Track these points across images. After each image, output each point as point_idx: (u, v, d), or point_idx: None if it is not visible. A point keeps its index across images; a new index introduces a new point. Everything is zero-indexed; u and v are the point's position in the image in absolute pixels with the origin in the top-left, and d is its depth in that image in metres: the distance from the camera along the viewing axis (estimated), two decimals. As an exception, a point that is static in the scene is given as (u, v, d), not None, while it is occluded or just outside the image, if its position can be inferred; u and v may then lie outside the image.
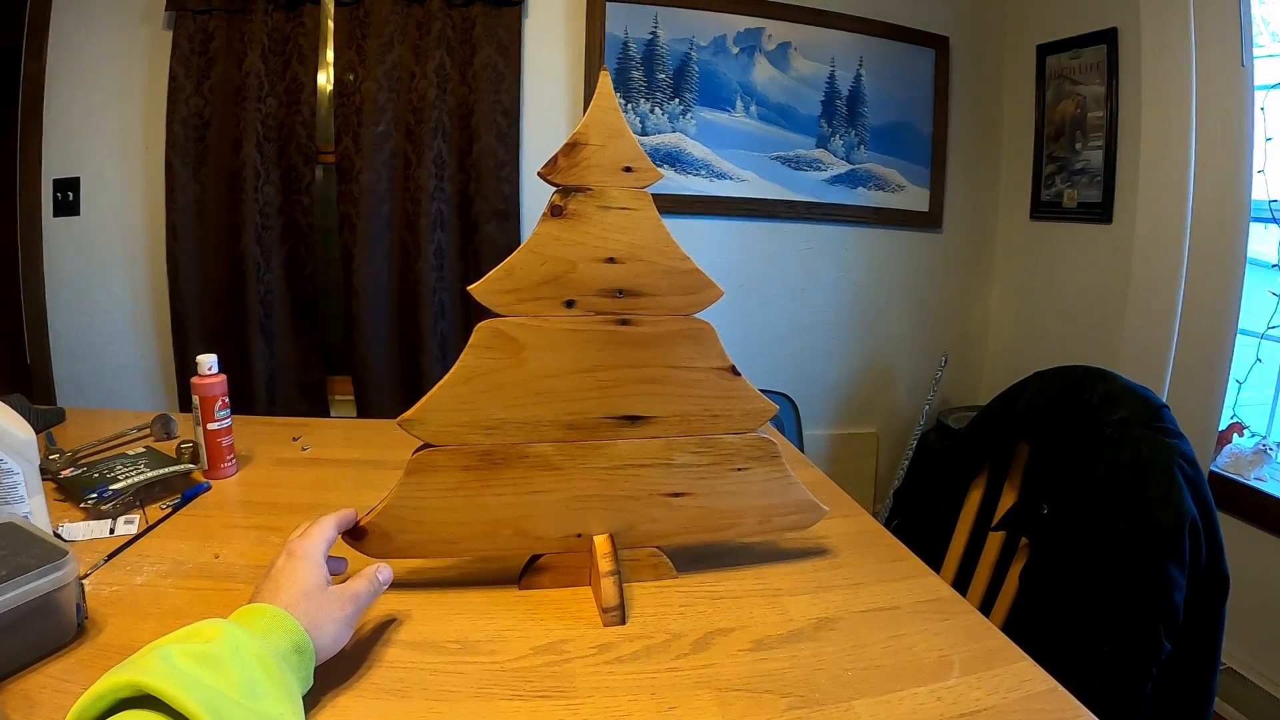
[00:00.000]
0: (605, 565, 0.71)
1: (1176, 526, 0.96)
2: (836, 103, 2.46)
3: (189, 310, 2.15)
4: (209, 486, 0.99)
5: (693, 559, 0.81)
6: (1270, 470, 1.90)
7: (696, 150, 2.36)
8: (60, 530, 0.82)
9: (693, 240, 2.41)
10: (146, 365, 2.27)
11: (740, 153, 2.40)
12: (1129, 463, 1.01)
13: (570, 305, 0.71)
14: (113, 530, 0.84)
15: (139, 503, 0.91)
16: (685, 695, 0.59)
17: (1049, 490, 1.14)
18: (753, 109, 2.39)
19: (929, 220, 2.62)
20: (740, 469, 0.78)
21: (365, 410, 2.24)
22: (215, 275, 2.15)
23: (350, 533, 0.70)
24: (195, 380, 1.01)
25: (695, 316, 0.75)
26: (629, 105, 2.29)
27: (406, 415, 0.70)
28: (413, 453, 0.71)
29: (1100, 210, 2.23)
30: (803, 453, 2.45)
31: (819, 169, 2.48)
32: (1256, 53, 1.84)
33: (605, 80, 0.69)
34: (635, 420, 0.74)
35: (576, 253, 0.70)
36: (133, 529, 0.84)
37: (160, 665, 0.43)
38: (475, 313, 2.25)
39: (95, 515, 0.86)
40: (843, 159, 2.50)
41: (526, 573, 0.76)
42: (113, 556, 0.77)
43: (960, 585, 1.24)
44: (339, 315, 2.23)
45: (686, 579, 0.78)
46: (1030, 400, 1.20)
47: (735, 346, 0.74)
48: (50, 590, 0.58)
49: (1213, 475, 1.93)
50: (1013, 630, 1.10)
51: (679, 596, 0.75)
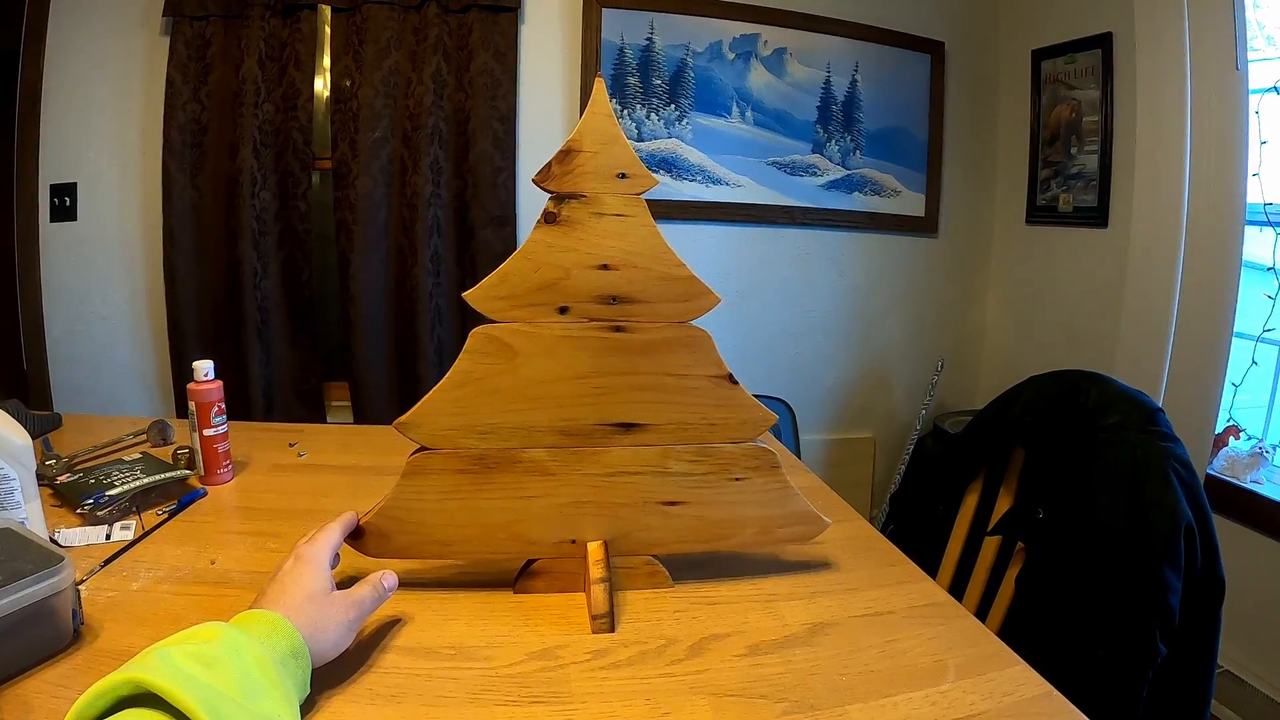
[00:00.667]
0: (596, 572, 0.71)
1: (1172, 530, 0.96)
2: (832, 108, 2.47)
3: (186, 316, 2.15)
4: (205, 492, 0.99)
5: (687, 565, 0.81)
6: (1266, 473, 1.90)
7: (692, 156, 2.36)
8: (56, 536, 0.82)
9: (689, 246, 2.42)
10: (143, 371, 2.27)
11: (736, 158, 2.41)
12: (1124, 467, 1.01)
13: (564, 311, 0.71)
14: (109, 536, 0.84)
15: (135, 509, 0.91)
16: (680, 701, 0.59)
17: (1045, 494, 1.14)
18: (748, 115, 2.40)
19: (925, 225, 2.63)
20: (738, 479, 0.77)
21: (362, 416, 2.24)
22: (212, 281, 2.16)
23: (350, 533, 0.71)
24: (191, 386, 1.01)
25: (691, 324, 0.74)
26: (625, 111, 2.29)
27: (402, 419, 0.70)
28: (409, 456, 0.72)
29: (1096, 214, 2.24)
30: (799, 458, 2.45)
31: (815, 174, 2.49)
32: (1251, 56, 1.85)
33: (600, 87, 0.70)
34: (630, 427, 0.74)
35: (570, 259, 0.70)
36: (129, 535, 0.84)
37: (160, 664, 0.44)
38: (472, 318, 2.24)
39: (92, 521, 0.86)
40: (839, 164, 2.51)
41: (521, 577, 0.76)
42: (109, 562, 0.77)
43: (957, 590, 1.24)
44: (336, 321, 2.23)
45: (681, 584, 0.78)
46: (1026, 404, 1.20)
47: (731, 352, 0.75)
48: (46, 596, 0.58)
49: (1209, 478, 1.93)
50: (1009, 634, 1.10)
51: (673, 602, 0.75)
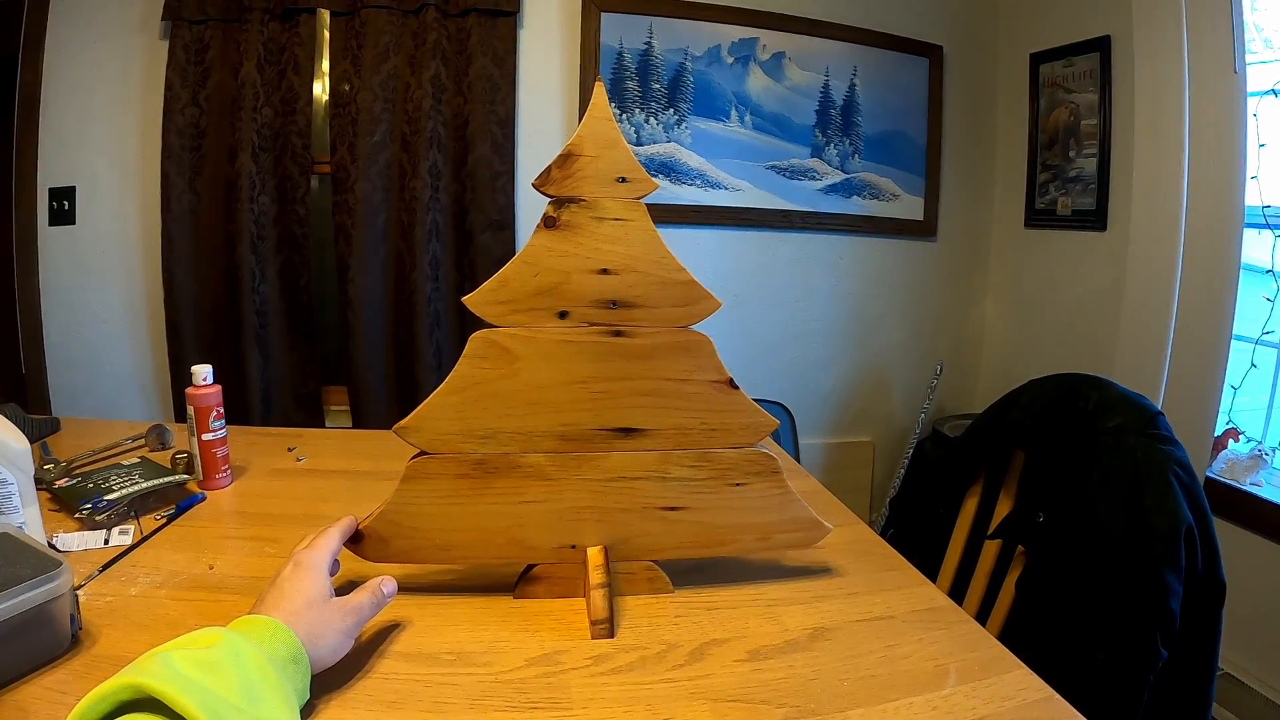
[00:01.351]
0: (596, 577, 0.71)
1: (1172, 534, 0.96)
2: (831, 112, 2.47)
3: (184, 320, 2.15)
4: (204, 497, 0.98)
5: (687, 570, 0.81)
6: (1266, 475, 1.90)
7: (691, 160, 2.37)
8: (55, 541, 0.82)
9: (687, 250, 2.39)
10: (141, 375, 2.27)
11: (735, 162, 2.41)
12: (1124, 470, 1.01)
13: (564, 316, 0.71)
14: (107, 541, 0.83)
15: (134, 513, 0.91)
16: (680, 706, 0.59)
17: (1045, 498, 1.14)
18: (747, 119, 2.40)
19: (924, 229, 2.63)
20: (738, 484, 0.77)
21: (361, 420, 2.24)
22: (210, 285, 2.16)
23: (349, 538, 0.71)
24: (190, 391, 1.01)
25: (692, 329, 0.74)
26: (624, 115, 2.30)
27: (402, 423, 0.70)
28: (409, 460, 0.71)
29: (1094, 217, 2.24)
30: (798, 462, 2.45)
31: (813, 178, 2.49)
32: (1249, 58, 1.86)
33: (600, 91, 0.70)
34: (629, 432, 0.74)
35: (570, 264, 0.70)
36: (127, 540, 0.84)
37: (162, 669, 0.43)
38: (470, 323, 2.23)
39: (90, 526, 0.86)
40: (837, 168, 2.51)
41: (521, 582, 0.76)
42: (107, 567, 0.77)
43: (957, 594, 1.24)
44: (334, 325, 2.23)
45: (681, 590, 0.78)
46: (1025, 408, 1.20)
47: (730, 356, 0.74)
48: (44, 601, 0.58)
49: (1209, 481, 1.93)
50: (1010, 638, 1.09)
51: (674, 607, 0.75)
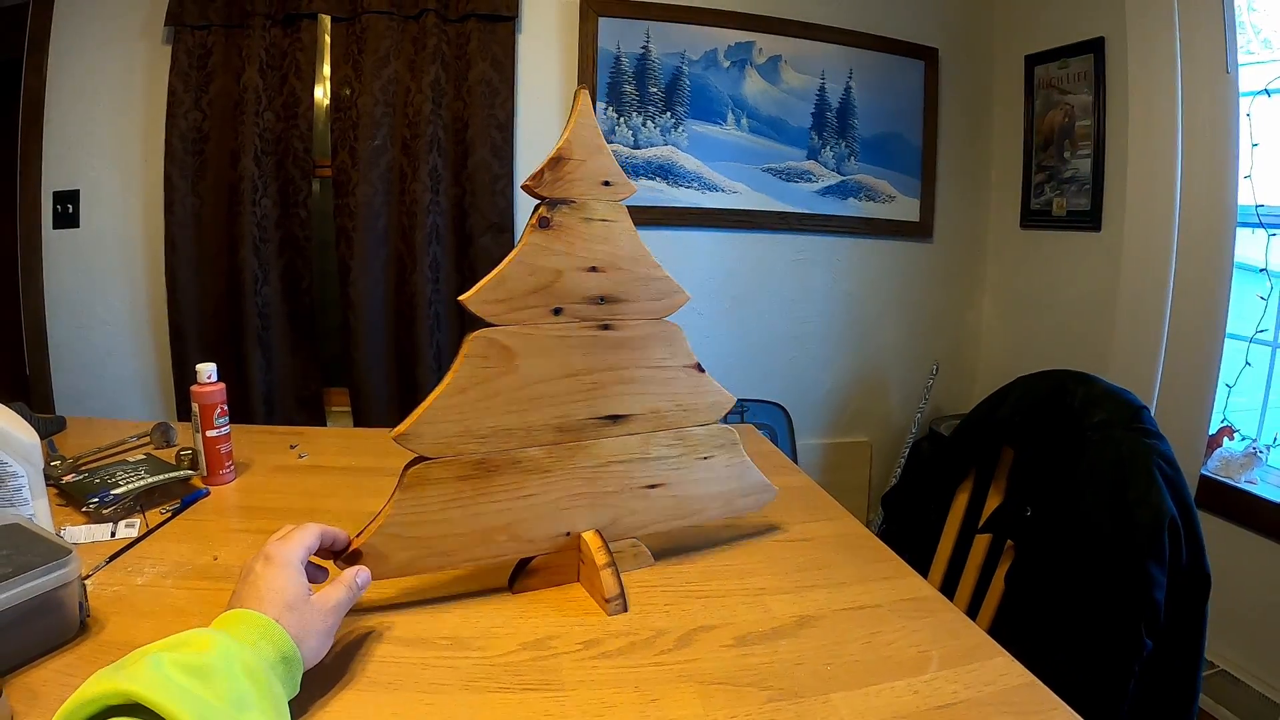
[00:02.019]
0: (601, 559, 0.74)
1: (1156, 526, 0.98)
2: (827, 115, 2.49)
3: (187, 322, 2.17)
4: (208, 492, 1.01)
5: (678, 560, 0.83)
6: (1261, 473, 1.91)
7: (688, 163, 2.39)
8: (63, 533, 0.84)
9: (685, 252, 2.44)
10: (144, 376, 2.29)
11: (731, 165, 2.43)
12: (1109, 464, 1.03)
13: (558, 313, 0.73)
14: (114, 534, 0.86)
15: (139, 508, 0.93)
16: (668, 688, 0.61)
17: (1033, 492, 1.16)
18: (744, 122, 2.42)
19: (920, 230, 2.65)
20: (706, 457, 0.85)
21: (362, 422, 2.26)
22: (213, 287, 2.18)
23: (344, 556, 0.68)
24: (195, 388, 1.03)
25: (666, 320, 0.81)
26: (621, 119, 2.32)
27: (401, 431, 0.69)
28: (405, 468, 0.71)
29: (1089, 218, 2.25)
30: (795, 462, 2.47)
31: (810, 180, 2.51)
32: (1243, 59, 1.87)
33: (585, 98, 0.73)
34: (617, 419, 0.78)
35: (563, 262, 0.73)
36: (133, 532, 0.86)
37: (151, 674, 0.43)
38: (471, 325, 2.26)
39: (97, 519, 0.88)
40: (833, 170, 2.53)
41: (519, 576, 0.77)
42: (114, 558, 0.79)
43: (948, 588, 1.25)
44: (336, 327, 2.25)
45: (673, 579, 0.80)
46: (1014, 404, 1.21)
47: (728, 356, 0.77)
48: (54, 588, 0.60)
49: (1204, 478, 1.94)
50: (999, 631, 1.11)
51: (664, 595, 0.77)
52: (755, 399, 2.48)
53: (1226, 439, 2.02)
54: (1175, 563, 0.99)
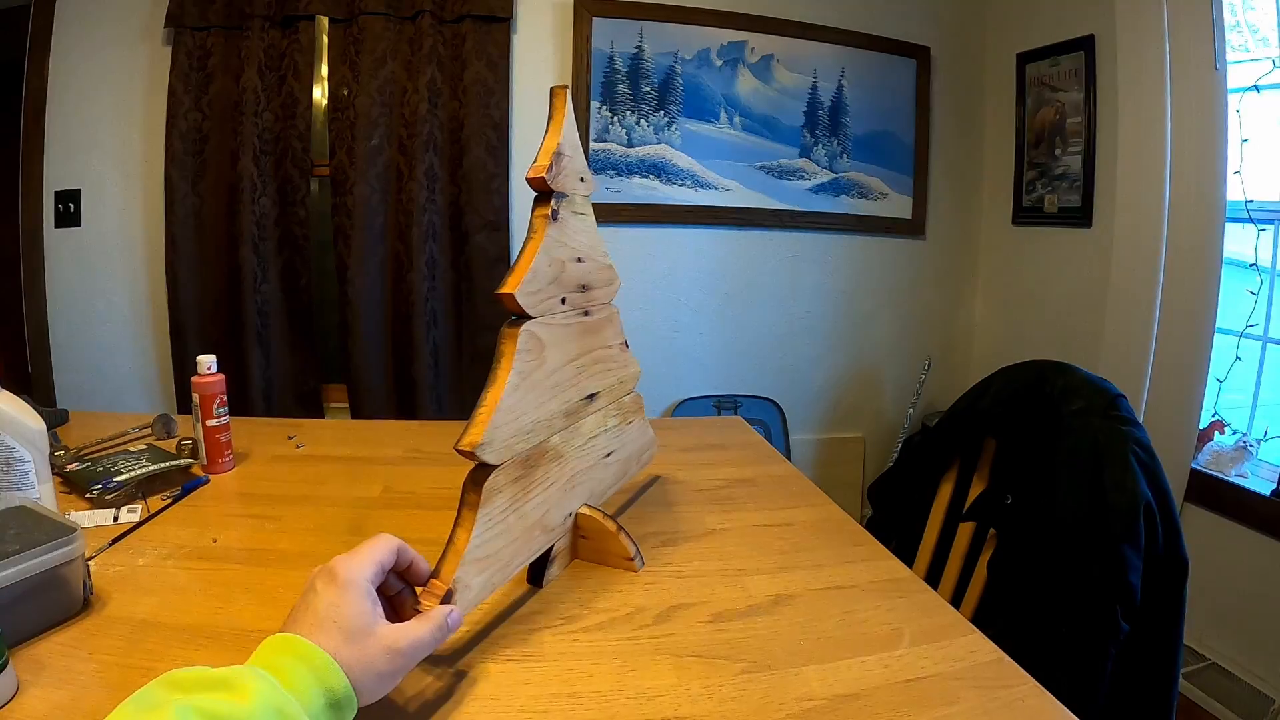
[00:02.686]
0: (610, 525, 0.79)
1: (1131, 510, 0.99)
2: (819, 113, 2.51)
3: (187, 320, 2.20)
4: (208, 480, 1.03)
5: (659, 543, 0.85)
6: (1251, 467, 1.92)
7: (681, 161, 2.41)
8: (68, 517, 0.87)
9: (678, 249, 2.47)
10: (145, 374, 2.31)
11: (724, 163, 2.45)
12: (1086, 450, 1.05)
13: (564, 302, 0.76)
14: (116, 519, 0.88)
15: (141, 494, 0.95)
16: (645, 660, 0.63)
17: (1014, 481, 1.18)
18: (736, 120, 2.45)
19: (912, 227, 2.67)
20: (630, 422, 0.94)
21: (359, 417, 2.28)
22: (213, 286, 2.20)
23: (427, 592, 0.58)
24: (195, 379, 1.06)
25: (611, 303, 0.89)
26: (615, 117, 2.34)
27: (472, 441, 0.61)
28: (469, 482, 0.64)
29: (1080, 215, 2.27)
30: (789, 458, 2.49)
31: (802, 178, 2.53)
32: (1233, 56, 1.88)
33: (567, 97, 0.75)
34: (592, 398, 0.83)
35: (566, 253, 0.76)
36: (135, 517, 0.89)
37: None
38: (467, 321, 2.31)
39: (100, 505, 0.91)
40: (826, 168, 2.55)
41: (542, 569, 0.76)
42: (116, 541, 0.82)
43: (933, 577, 1.28)
44: (334, 325, 2.28)
45: (653, 560, 0.82)
46: (995, 395, 1.24)
47: (721, 353, 0.80)
48: (59, 564, 0.63)
49: (1194, 472, 1.95)
50: (983, 617, 1.13)
51: (644, 575, 0.79)
52: (748, 395, 2.50)
53: (1217, 433, 2.02)
54: (1151, 548, 1.01)
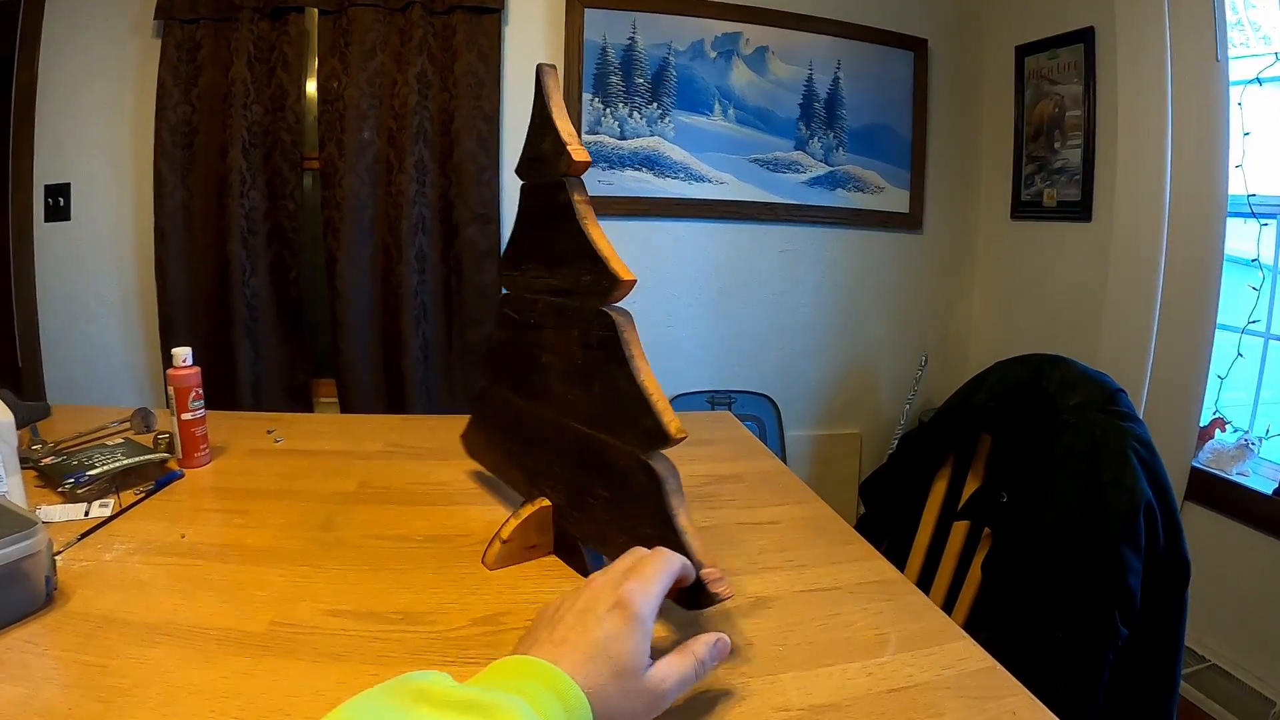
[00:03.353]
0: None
1: (1130, 509, 0.96)
2: (815, 105, 2.49)
3: (176, 314, 2.18)
4: (182, 474, 1.01)
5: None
6: (1252, 465, 1.90)
7: (675, 153, 2.39)
8: (38, 511, 0.85)
9: (671, 243, 2.44)
10: (135, 367, 2.30)
11: (718, 155, 2.43)
12: (1083, 447, 1.02)
13: None
14: (87, 513, 0.87)
15: (114, 488, 0.94)
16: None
17: (1009, 478, 1.15)
18: (731, 112, 2.42)
19: (909, 221, 2.65)
20: None
21: (349, 412, 2.26)
22: (202, 279, 2.19)
23: (694, 599, 0.58)
24: (170, 372, 1.04)
25: None
26: (607, 109, 2.32)
27: (678, 425, 0.62)
28: (670, 469, 0.64)
29: (1079, 209, 2.25)
30: (784, 454, 2.47)
31: (798, 171, 2.51)
32: (1234, 51, 1.86)
33: (558, 74, 0.73)
34: None
35: None
36: (107, 511, 0.87)
37: None
38: (456, 315, 2.29)
39: (72, 499, 0.89)
40: (821, 161, 2.52)
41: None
42: (85, 536, 0.80)
43: (926, 576, 1.25)
44: (324, 318, 2.26)
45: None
46: (990, 389, 1.21)
47: (716, 348, 0.76)
48: (20, 558, 0.61)
49: (1195, 470, 1.93)
50: (976, 619, 1.11)
51: (622, 574, 0.77)
52: (743, 390, 2.48)
53: (1218, 431, 2.01)
54: (1152, 549, 0.98)
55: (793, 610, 0.71)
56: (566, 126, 0.70)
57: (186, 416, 1.04)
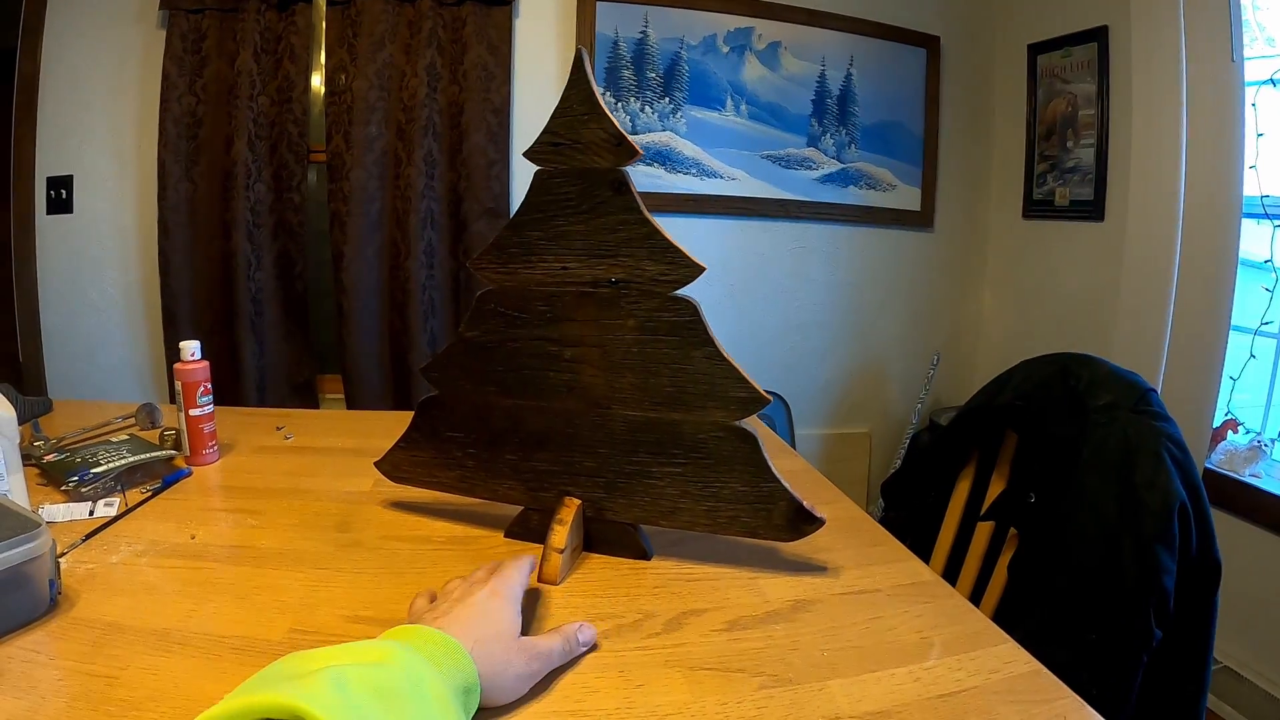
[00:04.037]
0: None
1: (1165, 510, 0.95)
2: (827, 102, 2.47)
3: (180, 308, 2.16)
4: (190, 472, 0.98)
5: (669, 543, 0.80)
6: (1265, 467, 1.89)
7: (686, 149, 2.37)
8: (41, 511, 0.82)
9: (682, 239, 2.37)
10: (137, 361, 2.28)
11: (730, 151, 2.41)
12: (1115, 447, 1.00)
13: None
14: (92, 512, 0.83)
15: (120, 487, 0.91)
16: (654, 673, 0.58)
17: (1037, 478, 1.13)
18: (743, 108, 2.40)
19: (920, 219, 2.63)
20: None
21: (355, 408, 2.24)
22: (206, 273, 2.17)
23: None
24: (178, 366, 1.01)
25: None
26: (619, 104, 2.30)
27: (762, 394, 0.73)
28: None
29: (1092, 208, 2.23)
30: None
31: (810, 168, 2.49)
32: (1247, 52, 1.85)
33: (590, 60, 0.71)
34: None
35: None
36: (112, 511, 0.84)
37: (332, 694, 0.37)
38: (465, 309, 2.25)
39: (76, 498, 0.86)
40: (833, 158, 2.51)
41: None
42: (90, 537, 0.77)
43: (949, 577, 1.23)
44: (330, 313, 2.24)
45: (661, 563, 0.78)
46: (1016, 388, 1.19)
47: (725, 345, 0.73)
48: (22, 561, 0.58)
49: (1208, 472, 1.92)
50: (1002, 622, 1.08)
51: (653, 578, 0.74)
52: (754, 389, 2.45)
53: (1231, 432, 2.00)
54: (1185, 550, 0.96)
55: (833, 614, 0.69)
56: (609, 116, 0.70)
57: (195, 412, 1.01)
